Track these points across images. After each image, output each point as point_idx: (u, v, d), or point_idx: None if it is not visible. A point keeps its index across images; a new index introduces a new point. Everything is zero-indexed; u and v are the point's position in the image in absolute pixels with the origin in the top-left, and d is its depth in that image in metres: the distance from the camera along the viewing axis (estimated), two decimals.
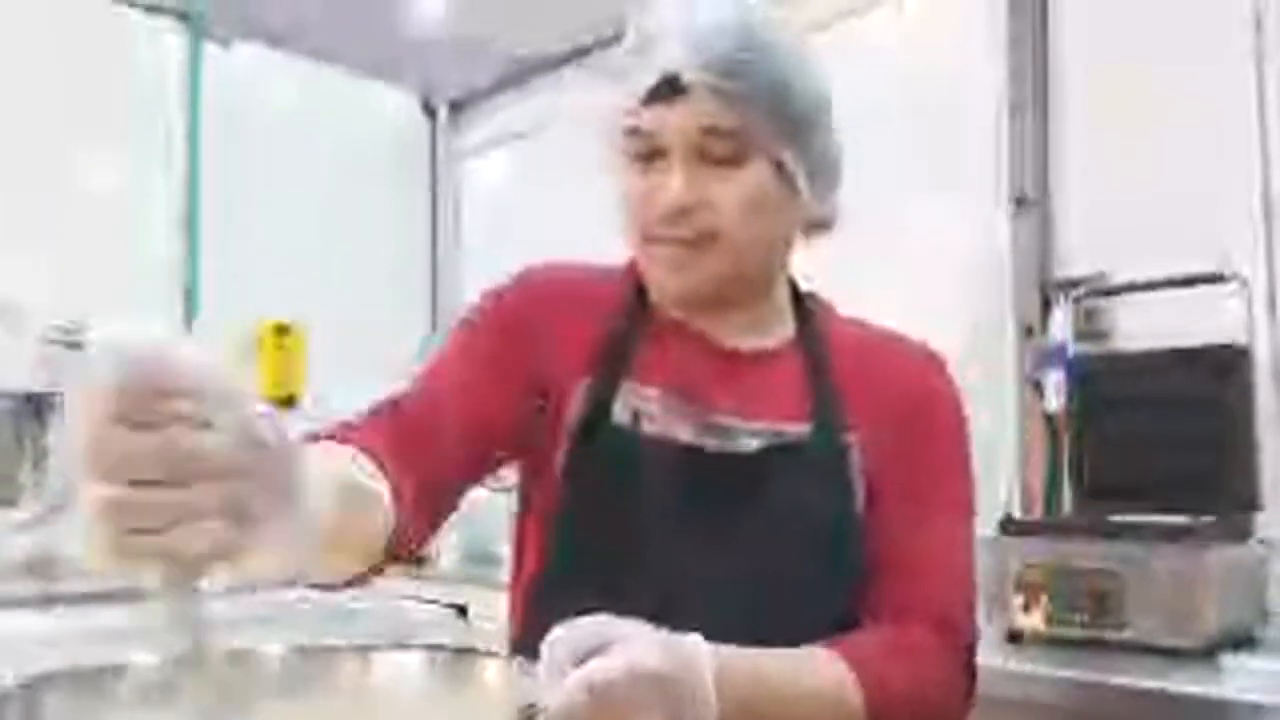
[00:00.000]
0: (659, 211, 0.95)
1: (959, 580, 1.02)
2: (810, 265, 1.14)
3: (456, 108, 4.12)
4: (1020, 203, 2.47)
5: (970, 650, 1.01)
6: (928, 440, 1.04)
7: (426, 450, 0.91)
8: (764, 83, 0.93)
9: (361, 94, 3.91)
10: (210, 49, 3.51)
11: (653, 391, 1.01)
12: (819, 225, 1.06)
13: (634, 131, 0.96)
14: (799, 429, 1.00)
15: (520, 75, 3.81)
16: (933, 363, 1.10)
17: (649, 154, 0.96)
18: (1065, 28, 2.49)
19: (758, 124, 0.94)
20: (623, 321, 1.05)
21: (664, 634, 0.76)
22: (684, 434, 1.00)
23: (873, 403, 1.02)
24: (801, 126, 0.96)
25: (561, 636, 0.73)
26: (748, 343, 1.05)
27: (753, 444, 1.00)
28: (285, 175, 3.55)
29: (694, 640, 0.78)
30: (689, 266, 0.97)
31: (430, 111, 4.15)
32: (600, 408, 1.01)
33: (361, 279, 3.75)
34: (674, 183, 0.94)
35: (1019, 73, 2.51)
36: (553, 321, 1.04)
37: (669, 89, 0.93)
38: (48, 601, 2.55)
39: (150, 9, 3.40)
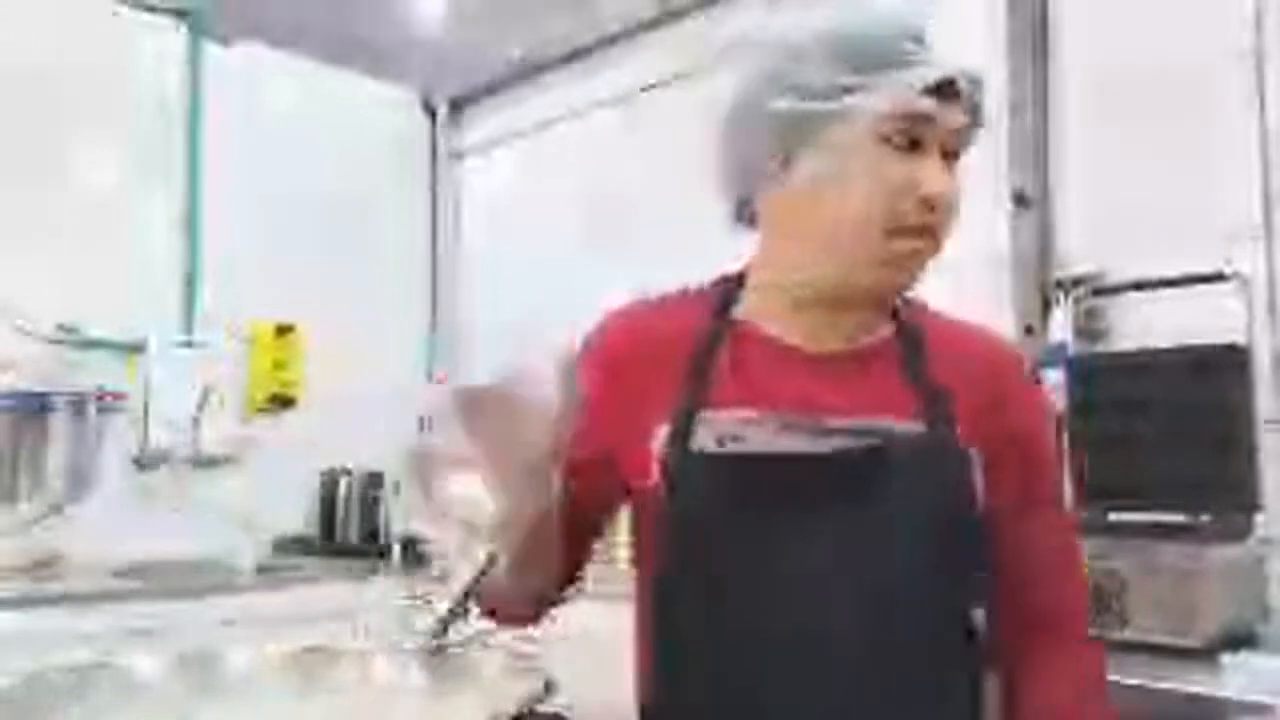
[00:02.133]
0: (924, 198, 0.95)
1: (1082, 582, 1.05)
2: None
3: (456, 107, 4.12)
4: (1020, 202, 2.47)
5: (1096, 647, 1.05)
6: (1025, 436, 1.03)
7: None
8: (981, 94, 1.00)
9: (361, 93, 3.91)
10: (210, 48, 3.52)
11: (743, 412, 0.99)
12: None
13: (912, 117, 0.96)
14: (910, 427, 0.97)
15: (520, 75, 3.81)
16: (1014, 358, 1.09)
17: (910, 144, 0.96)
18: (1065, 28, 2.50)
19: (972, 129, 1.00)
20: (701, 349, 1.03)
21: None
22: (782, 443, 0.97)
23: (971, 398, 1.00)
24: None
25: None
26: (847, 344, 1.02)
27: (863, 444, 0.97)
28: (285, 175, 3.56)
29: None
30: (916, 262, 0.98)
31: (430, 111, 4.15)
32: (680, 439, 0.98)
33: (361, 278, 3.76)
34: (940, 171, 0.96)
35: (1019, 73, 2.52)
36: (633, 383, 1.03)
37: (948, 88, 0.97)
38: (47, 600, 2.55)
39: (150, 8, 3.41)
